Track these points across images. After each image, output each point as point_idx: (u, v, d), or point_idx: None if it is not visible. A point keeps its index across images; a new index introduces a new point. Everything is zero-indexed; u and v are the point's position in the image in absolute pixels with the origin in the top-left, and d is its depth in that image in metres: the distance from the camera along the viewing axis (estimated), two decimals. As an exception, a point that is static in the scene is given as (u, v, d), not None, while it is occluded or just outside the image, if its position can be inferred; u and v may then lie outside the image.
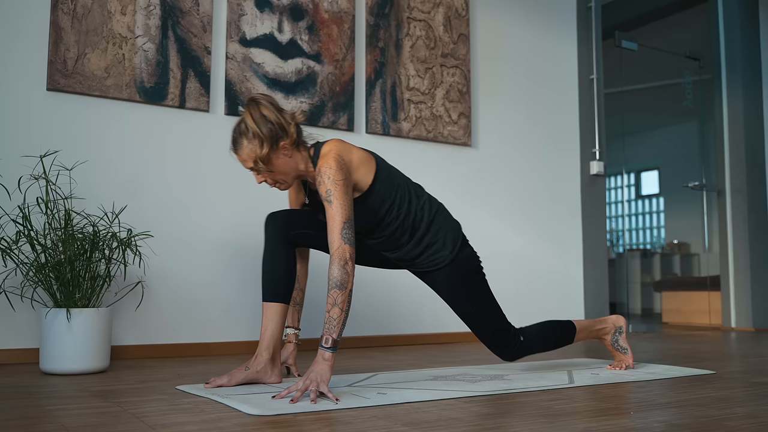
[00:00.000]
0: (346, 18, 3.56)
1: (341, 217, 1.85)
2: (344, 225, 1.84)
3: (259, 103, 1.96)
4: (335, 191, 1.86)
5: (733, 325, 5.14)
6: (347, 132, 3.52)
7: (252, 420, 1.47)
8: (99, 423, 1.44)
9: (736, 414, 1.56)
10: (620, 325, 2.42)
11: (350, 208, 1.88)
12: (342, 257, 1.81)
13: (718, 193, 5.29)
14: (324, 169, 1.89)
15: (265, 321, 2.04)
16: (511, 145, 4.16)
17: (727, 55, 5.30)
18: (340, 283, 1.79)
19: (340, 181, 1.88)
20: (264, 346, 2.01)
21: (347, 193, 1.89)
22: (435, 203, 2.18)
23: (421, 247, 2.12)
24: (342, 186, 1.88)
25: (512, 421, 1.47)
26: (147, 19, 3.02)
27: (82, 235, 2.42)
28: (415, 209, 2.09)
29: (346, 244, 1.83)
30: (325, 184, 1.87)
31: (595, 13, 4.62)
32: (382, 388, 1.93)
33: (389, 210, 2.05)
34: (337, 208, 1.85)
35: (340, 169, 1.89)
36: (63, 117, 2.83)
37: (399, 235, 2.09)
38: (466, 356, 2.95)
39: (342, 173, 1.89)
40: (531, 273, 4.13)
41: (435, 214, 2.14)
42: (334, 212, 1.85)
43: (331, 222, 1.85)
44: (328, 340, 1.77)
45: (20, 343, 2.66)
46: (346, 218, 1.85)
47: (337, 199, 1.86)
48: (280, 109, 1.99)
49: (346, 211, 1.86)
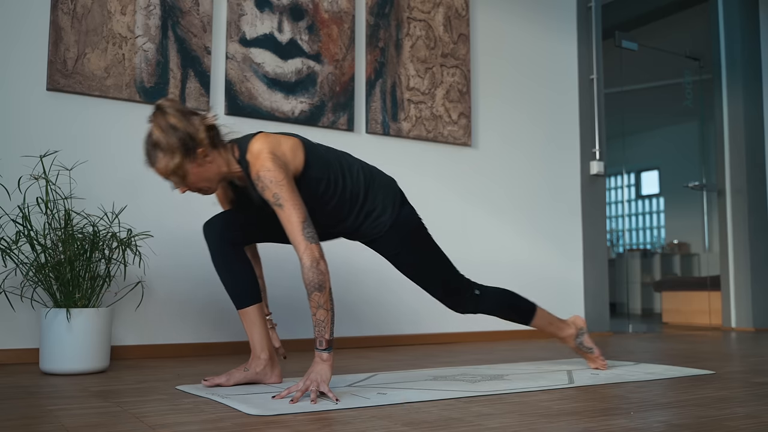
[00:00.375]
0: (346, 18, 3.56)
1: (298, 217, 1.79)
2: (303, 224, 1.78)
3: (164, 111, 1.83)
4: (282, 193, 1.79)
5: (733, 325, 5.14)
6: (347, 132, 3.52)
7: (252, 420, 1.47)
8: (99, 423, 1.44)
9: (736, 414, 1.56)
10: (581, 326, 2.39)
11: (303, 205, 1.82)
12: (312, 258, 1.75)
13: (718, 193, 5.29)
14: (262, 173, 1.80)
15: (248, 326, 2.01)
16: (511, 145, 4.16)
17: (727, 55, 5.30)
18: (318, 284, 1.75)
19: (283, 180, 1.80)
20: (259, 348, 2.00)
21: (294, 191, 1.82)
22: (367, 169, 2.11)
23: (361, 216, 2.05)
24: (287, 185, 1.80)
25: (512, 421, 1.47)
26: (147, 19, 3.02)
27: (82, 235, 2.42)
28: (350, 182, 2.02)
29: (312, 243, 1.77)
30: (270, 188, 1.80)
31: (595, 13, 4.62)
32: (382, 388, 1.93)
33: (326, 189, 1.97)
34: (290, 210, 1.79)
35: (278, 169, 1.81)
36: (63, 117, 2.83)
37: (339, 209, 2.02)
38: (466, 356, 2.95)
39: (282, 172, 1.81)
40: (531, 273, 4.13)
41: (370, 182, 2.08)
42: (288, 215, 1.79)
43: (289, 225, 1.79)
44: (321, 342, 1.76)
45: (20, 343, 2.66)
46: (303, 217, 1.79)
47: (287, 200, 1.79)
48: (188, 113, 1.87)
49: (300, 210, 1.80)
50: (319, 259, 1.76)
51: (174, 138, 1.80)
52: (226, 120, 3.19)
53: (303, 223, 1.78)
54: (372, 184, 2.08)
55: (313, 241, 1.78)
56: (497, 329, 3.95)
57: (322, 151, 2.02)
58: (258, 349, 2.00)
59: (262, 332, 2.01)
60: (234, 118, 3.21)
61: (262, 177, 1.80)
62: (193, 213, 3.08)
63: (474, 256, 3.91)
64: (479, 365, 2.57)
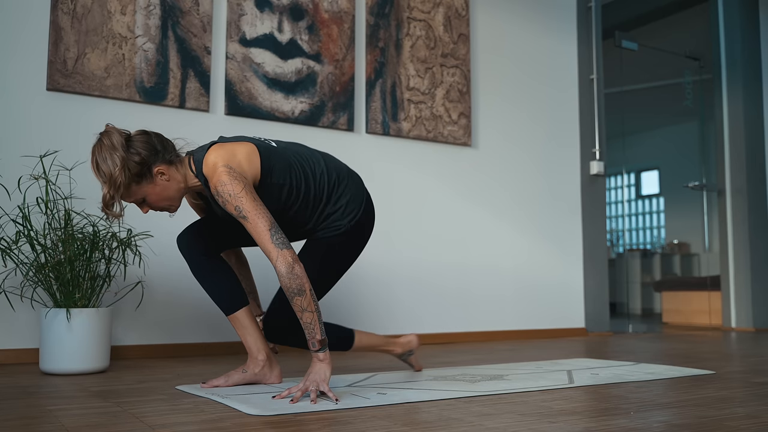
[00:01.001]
0: (346, 18, 3.56)
1: (264, 226, 1.76)
2: (270, 232, 1.76)
3: (101, 144, 1.81)
4: (243, 205, 1.76)
5: (734, 325, 5.14)
6: (347, 132, 3.52)
7: (252, 420, 1.47)
8: (99, 423, 1.44)
9: (736, 414, 1.56)
10: (411, 348, 2.31)
11: (266, 212, 1.79)
12: (286, 264, 1.73)
13: (718, 193, 5.29)
14: (220, 188, 1.77)
15: (239, 331, 2.00)
16: (511, 146, 4.16)
17: (727, 55, 5.30)
18: (297, 289, 1.73)
19: (242, 192, 1.77)
20: (255, 349, 2.00)
21: (255, 200, 1.79)
22: (332, 170, 2.03)
23: (321, 219, 1.99)
24: (246, 196, 1.78)
25: (512, 421, 1.47)
26: (147, 19, 3.02)
27: (82, 235, 2.42)
28: (313, 186, 1.97)
29: (283, 248, 1.74)
30: (230, 202, 1.77)
31: (595, 13, 4.62)
32: (382, 388, 1.93)
33: (288, 195, 1.93)
34: (255, 220, 1.76)
35: (235, 181, 1.77)
36: (63, 117, 2.83)
37: (301, 214, 1.98)
38: (466, 356, 2.95)
39: (239, 184, 1.78)
40: (531, 273, 4.13)
41: (335, 185, 2.01)
42: (254, 225, 1.76)
43: (257, 236, 1.76)
44: (314, 344, 1.75)
45: (20, 343, 2.66)
46: (269, 224, 1.77)
47: (250, 211, 1.76)
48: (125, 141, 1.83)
49: (264, 218, 1.77)
50: (293, 264, 1.73)
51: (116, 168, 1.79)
52: (226, 120, 3.20)
53: (270, 230, 1.76)
54: (336, 187, 2.02)
55: (284, 246, 1.75)
56: (497, 329, 3.95)
57: (282, 154, 1.96)
58: (254, 350, 2.00)
59: (255, 334, 2.00)
60: (234, 118, 3.21)
61: (221, 192, 1.78)
62: (193, 213, 3.07)
63: (474, 256, 3.91)
64: (479, 365, 2.57)
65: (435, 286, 3.75)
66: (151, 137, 1.88)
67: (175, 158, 1.90)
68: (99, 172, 1.80)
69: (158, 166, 1.85)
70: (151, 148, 1.85)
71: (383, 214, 3.62)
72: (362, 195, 2.08)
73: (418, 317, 3.66)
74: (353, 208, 2.03)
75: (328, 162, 2.05)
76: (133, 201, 1.89)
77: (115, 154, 1.79)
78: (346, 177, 2.06)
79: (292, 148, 2.03)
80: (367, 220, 2.08)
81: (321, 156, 2.06)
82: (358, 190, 2.07)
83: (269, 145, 1.97)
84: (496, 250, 4.03)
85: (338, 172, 2.05)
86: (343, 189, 2.03)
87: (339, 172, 2.05)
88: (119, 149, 1.80)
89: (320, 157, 2.05)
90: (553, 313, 4.19)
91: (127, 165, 1.80)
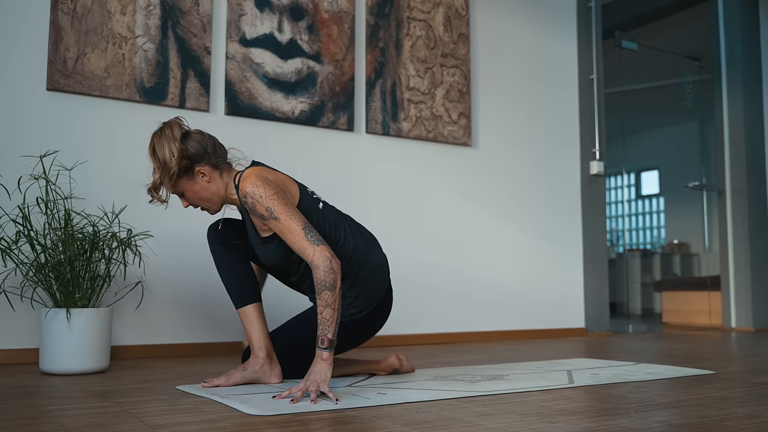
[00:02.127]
0: (346, 18, 3.56)
1: (297, 225, 1.77)
2: (305, 230, 1.77)
3: (163, 132, 1.91)
4: (275, 206, 1.78)
5: (733, 325, 5.14)
6: (347, 132, 3.52)
7: (252, 420, 1.47)
8: (99, 423, 1.44)
9: (736, 414, 1.56)
10: (394, 369, 2.26)
11: (298, 213, 1.80)
12: (324, 258, 1.73)
13: (718, 193, 5.29)
14: (249, 189, 1.82)
15: (247, 325, 2.02)
16: (511, 146, 4.16)
17: (727, 55, 5.30)
18: (331, 284, 1.73)
19: (274, 195, 1.81)
20: (257, 346, 2.00)
21: (287, 203, 1.81)
22: (359, 256, 1.97)
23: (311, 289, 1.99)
24: (279, 199, 1.80)
25: (512, 421, 1.47)
26: (147, 19, 3.02)
27: (82, 235, 2.42)
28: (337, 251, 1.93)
29: (319, 245, 1.75)
30: (261, 203, 1.80)
31: (595, 13, 4.62)
32: (382, 388, 1.93)
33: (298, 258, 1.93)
34: (287, 220, 1.78)
35: (266, 185, 1.82)
36: (63, 117, 2.83)
37: (307, 275, 1.99)
38: (466, 356, 2.95)
39: (272, 188, 1.82)
40: (531, 273, 4.13)
41: (352, 269, 1.96)
42: (287, 225, 1.77)
43: (290, 236, 1.78)
44: (323, 341, 1.75)
45: (20, 343, 2.66)
46: (303, 224, 1.78)
47: (282, 212, 1.78)
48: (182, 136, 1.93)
49: (298, 219, 1.78)
50: (330, 259, 1.74)
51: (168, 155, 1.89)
52: (226, 120, 3.20)
53: (304, 229, 1.77)
54: (350, 274, 1.96)
55: (320, 243, 1.76)
56: (497, 329, 3.95)
57: (321, 209, 1.98)
58: (256, 347, 2.00)
59: (261, 331, 2.01)
60: (234, 118, 3.21)
61: (250, 193, 1.81)
62: (193, 213, 3.08)
63: (474, 256, 3.91)
64: (479, 365, 2.57)
65: (435, 286, 3.75)
66: (205, 138, 1.97)
67: (222, 164, 1.98)
68: (154, 157, 1.91)
69: (201, 166, 1.93)
70: (201, 148, 1.94)
71: (383, 214, 3.62)
72: (376, 295, 2.01)
73: (418, 317, 3.66)
74: (360, 305, 1.99)
75: (360, 245, 2.00)
76: (174, 192, 1.97)
77: (173, 145, 1.89)
78: (369, 268, 2.00)
79: (336, 212, 2.03)
80: (373, 319, 2.03)
81: (360, 235, 2.01)
82: (376, 287, 2.02)
83: (314, 196, 2.01)
84: (496, 249, 4.03)
85: (364, 259, 1.99)
86: (355, 279, 1.98)
87: (364, 260, 1.99)
88: (178, 141, 1.90)
89: (358, 235, 2.02)
90: (553, 313, 4.19)
91: (181, 157, 1.89)
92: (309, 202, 1.98)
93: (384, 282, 2.06)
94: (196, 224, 3.07)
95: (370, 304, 2.01)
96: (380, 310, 2.06)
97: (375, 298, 2.03)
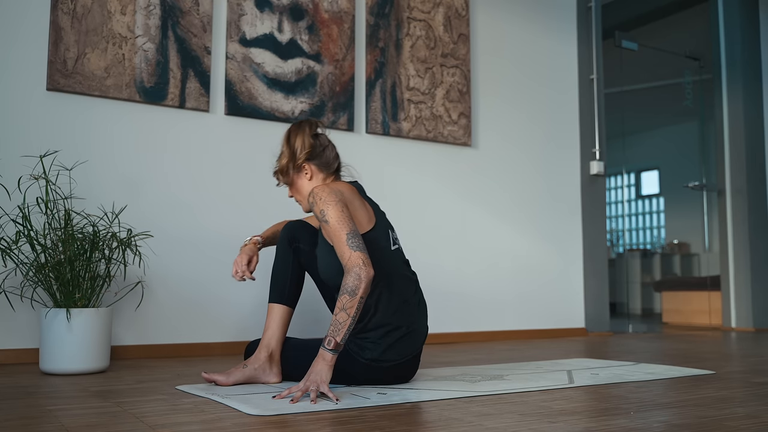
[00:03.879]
0: (346, 18, 3.56)
1: (343, 229, 1.81)
2: (348, 235, 1.80)
3: (302, 126, 2.10)
4: (329, 211, 1.84)
5: (733, 325, 5.14)
6: (347, 132, 3.52)
7: (252, 420, 1.47)
8: (99, 423, 1.44)
9: (736, 414, 1.55)
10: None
11: (350, 221, 1.84)
12: (355, 264, 1.76)
13: (718, 193, 5.29)
14: (316, 191, 1.90)
15: (267, 321, 2.05)
16: (511, 146, 4.16)
17: (727, 55, 5.30)
18: (351, 289, 1.74)
19: (333, 201, 1.86)
20: (263, 345, 2.02)
21: (343, 211, 1.85)
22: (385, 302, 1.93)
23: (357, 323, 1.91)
24: (336, 205, 1.85)
25: (512, 421, 1.47)
26: (147, 19, 3.02)
27: (82, 235, 2.42)
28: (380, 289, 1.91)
29: (356, 251, 1.78)
30: (318, 204, 1.87)
31: (595, 13, 4.62)
32: (382, 388, 1.93)
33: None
34: (334, 224, 1.83)
35: (330, 193, 1.88)
36: (63, 117, 2.83)
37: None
38: (466, 356, 2.95)
39: (334, 195, 1.88)
40: (531, 273, 4.13)
41: (396, 308, 1.92)
42: (334, 229, 1.82)
43: (335, 238, 1.82)
44: (330, 342, 1.74)
45: (20, 343, 2.66)
46: (348, 230, 1.82)
47: (332, 216, 1.84)
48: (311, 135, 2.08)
49: (345, 224, 1.83)
50: (362, 266, 1.76)
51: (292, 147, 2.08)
52: (226, 120, 3.20)
53: (347, 234, 1.82)
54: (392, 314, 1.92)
55: (358, 249, 1.79)
56: (497, 329, 3.95)
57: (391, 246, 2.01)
58: (262, 345, 2.02)
59: (275, 333, 2.03)
60: (234, 118, 3.21)
61: (314, 193, 1.90)
62: (193, 213, 3.08)
63: (473, 257, 3.91)
64: (479, 365, 2.57)
65: (434, 286, 3.75)
66: (321, 140, 2.10)
67: (326, 170, 2.10)
68: (288, 145, 2.08)
69: (309, 164, 2.07)
70: (313, 149, 2.07)
71: (383, 214, 3.62)
72: (406, 352, 1.94)
73: (418, 317, 3.66)
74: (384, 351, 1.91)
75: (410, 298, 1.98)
76: (285, 182, 2.13)
77: (307, 140, 2.07)
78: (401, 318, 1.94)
79: (402, 257, 2.03)
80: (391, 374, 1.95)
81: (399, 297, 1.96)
82: (409, 344, 1.95)
83: (392, 238, 2.02)
84: (496, 249, 4.03)
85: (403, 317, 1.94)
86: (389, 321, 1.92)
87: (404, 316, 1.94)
88: (310, 137, 2.07)
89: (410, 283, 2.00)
90: (553, 313, 4.19)
91: (309, 152, 2.06)
92: (381, 236, 1.98)
93: (416, 337, 1.98)
94: (196, 224, 3.07)
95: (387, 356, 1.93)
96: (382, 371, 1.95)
97: (404, 352, 1.95)
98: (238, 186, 3.20)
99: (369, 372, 1.93)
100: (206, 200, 3.12)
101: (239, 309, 3.13)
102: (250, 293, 3.15)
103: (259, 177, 3.25)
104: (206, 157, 3.14)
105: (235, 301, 3.13)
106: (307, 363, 1.89)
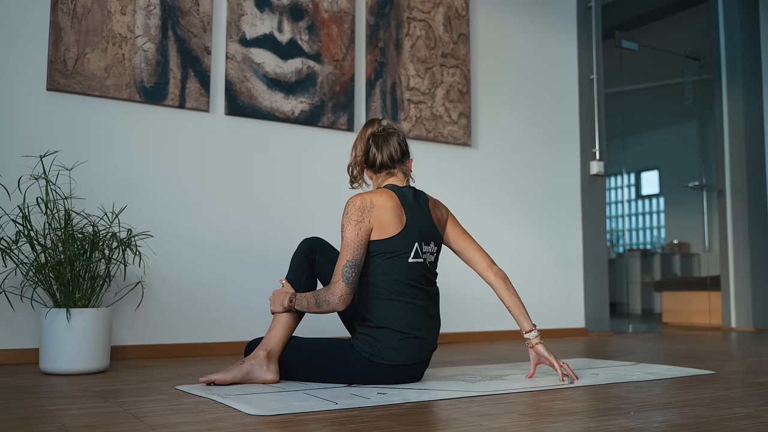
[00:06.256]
0: (346, 18, 3.56)
1: (346, 255, 1.92)
2: (348, 262, 1.91)
3: (363, 129, 2.16)
4: (347, 228, 1.94)
5: (733, 325, 5.14)
6: (347, 132, 3.52)
7: (252, 420, 1.47)
8: (99, 423, 1.44)
9: (736, 414, 1.56)
10: None
11: (357, 249, 1.92)
12: (339, 294, 1.89)
13: (718, 193, 5.29)
14: (350, 201, 1.99)
15: (273, 322, 2.06)
16: (511, 145, 4.16)
17: (727, 55, 5.30)
18: (321, 302, 1.92)
19: (354, 221, 1.94)
20: (263, 343, 2.03)
21: (358, 235, 1.93)
22: (387, 308, 1.96)
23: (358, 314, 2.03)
24: (355, 226, 1.94)
25: (512, 421, 1.47)
26: (147, 19, 3.02)
27: (82, 235, 2.42)
28: (382, 285, 1.97)
29: (343, 281, 1.89)
30: (344, 215, 1.97)
31: (595, 13, 4.62)
32: (382, 388, 1.93)
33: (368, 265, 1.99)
34: (344, 244, 1.94)
35: (359, 209, 1.96)
36: (63, 117, 2.83)
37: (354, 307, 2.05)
38: (466, 356, 2.95)
39: (359, 213, 1.95)
40: (531, 273, 4.13)
41: (399, 313, 1.95)
42: (342, 246, 1.95)
43: (339, 254, 1.96)
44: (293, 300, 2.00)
45: (20, 343, 2.66)
46: (351, 257, 1.91)
47: (346, 236, 1.94)
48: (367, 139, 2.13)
49: (351, 250, 1.92)
50: (340, 297, 1.89)
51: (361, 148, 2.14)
52: (226, 120, 3.19)
53: (349, 261, 1.91)
54: (393, 313, 1.96)
55: (347, 281, 1.89)
56: (497, 329, 3.95)
57: (408, 259, 2.02)
58: (262, 344, 2.03)
59: (278, 333, 2.04)
60: (234, 118, 3.21)
61: (347, 203, 1.99)
62: (193, 213, 3.08)
63: (474, 256, 3.91)
64: (479, 365, 2.57)
65: (435, 286, 3.75)
66: (376, 140, 2.11)
67: (373, 170, 2.14)
68: (353, 148, 2.17)
69: (368, 169, 2.14)
70: (366, 152, 2.13)
71: (383, 214, 3.61)
72: (405, 357, 1.95)
73: (418, 317, 3.66)
74: (381, 351, 1.93)
75: (418, 301, 2.01)
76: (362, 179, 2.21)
77: (360, 144, 2.13)
78: (404, 323, 1.96)
79: (420, 270, 2.04)
80: (391, 375, 1.97)
81: (402, 302, 1.98)
82: (411, 350, 1.96)
83: (415, 248, 2.02)
84: (496, 249, 4.02)
85: (408, 323, 1.97)
86: (389, 323, 1.95)
87: (408, 323, 1.97)
88: (365, 141, 2.12)
89: (422, 295, 2.04)
90: (553, 313, 4.19)
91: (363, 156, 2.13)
92: (400, 246, 1.98)
93: (418, 342, 1.98)
94: (196, 224, 3.07)
95: (382, 360, 1.94)
96: (381, 369, 1.96)
97: (403, 358, 1.96)
98: (238, 186, 3.20)
99: (368, 367, 1.95)
100: (206, 200, 3.12)
101: (239, 309, 3.13)
102: (250, 293, 3.14)
103: (259, 177, 3.25)
104: (206, 157, 3.14)
105: (235, 301, 3.12)
106: (304, 360, 2.02)
